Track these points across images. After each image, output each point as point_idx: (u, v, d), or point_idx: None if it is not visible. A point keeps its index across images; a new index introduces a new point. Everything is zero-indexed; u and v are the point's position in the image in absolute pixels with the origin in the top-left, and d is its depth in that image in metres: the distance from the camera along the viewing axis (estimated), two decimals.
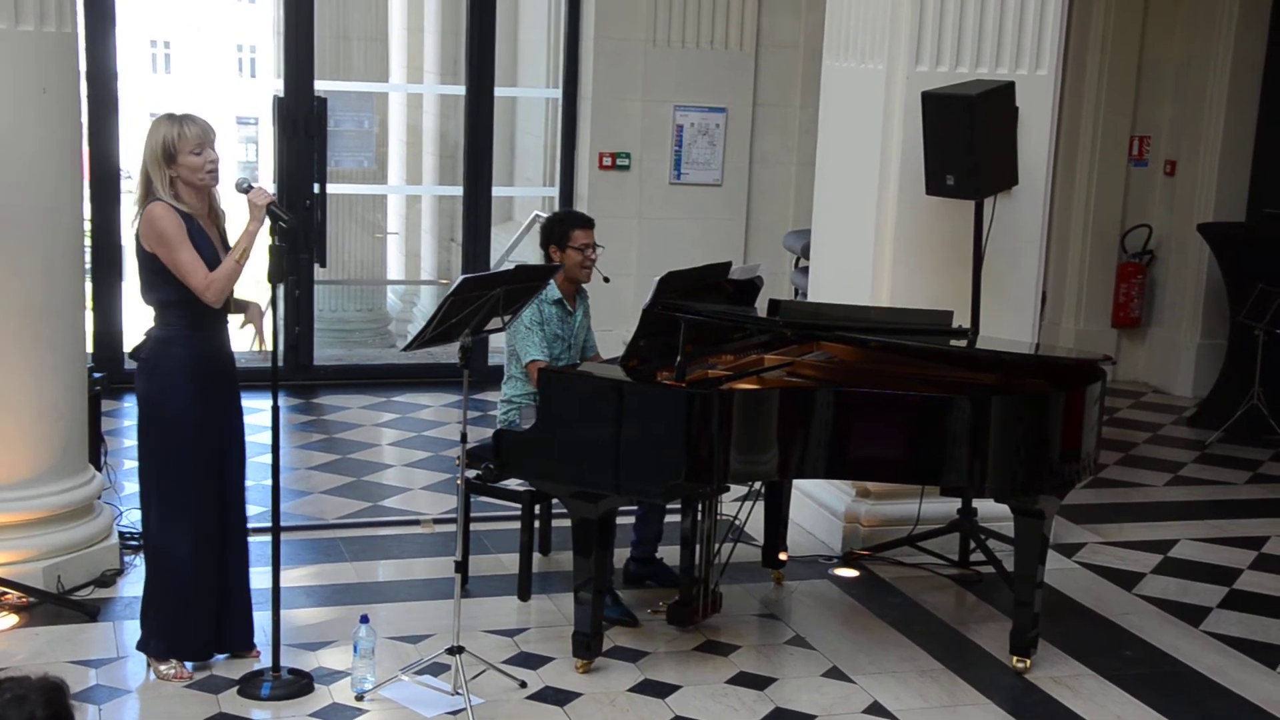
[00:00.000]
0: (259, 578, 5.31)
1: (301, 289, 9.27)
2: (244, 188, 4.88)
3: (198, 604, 5.09)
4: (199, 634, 5.13)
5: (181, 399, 4.97)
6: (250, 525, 5.34)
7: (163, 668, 5.09)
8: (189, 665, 5.14)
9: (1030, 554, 5.43)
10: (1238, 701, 5.37)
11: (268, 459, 5.16)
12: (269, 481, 5.11)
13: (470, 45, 9.67)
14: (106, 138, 8.74)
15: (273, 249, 4.83)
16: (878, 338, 5.72)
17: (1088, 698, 5.31)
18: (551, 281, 5.93)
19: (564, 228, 6.02)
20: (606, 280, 6.16)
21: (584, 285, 6.14)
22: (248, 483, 5.31)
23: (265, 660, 5.12)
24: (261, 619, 5.25)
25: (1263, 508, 7.81)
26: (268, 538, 5.16)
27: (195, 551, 5.05)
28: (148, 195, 4.90)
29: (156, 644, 5.11)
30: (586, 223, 6.05)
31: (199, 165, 4.86)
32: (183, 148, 4.85)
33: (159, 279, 4.91)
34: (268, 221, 4.83)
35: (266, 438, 5.23)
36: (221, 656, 5.24)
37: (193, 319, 4.95)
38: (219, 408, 5.07)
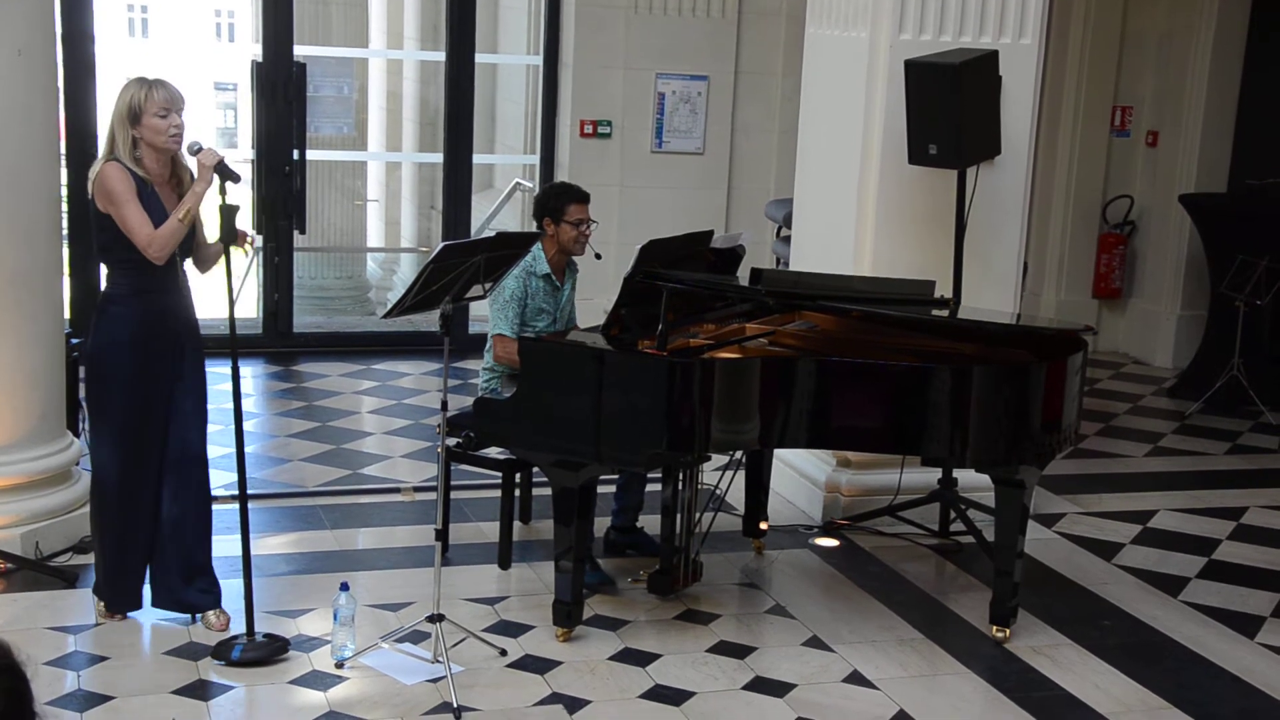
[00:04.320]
0: (231, 544, 5.30)
1: (281, 256, 9.24)
2: (195, 149, 4.94)
3: (124, 561, 5.21)
4: (123, 588, 5.24)
5: (120, 357, 5.02)
6: (226, 489, 5.33)
7: (101, 605, 5.26)
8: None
9: (1010, 524, 5.44)
10: (1216, 671, 5.39)
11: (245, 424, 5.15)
12: (243, 446, 5.11)
13: (451, 11, 9.60)
14: (83, 102, 8.64)
15: (223, 208, 4.90)
16: (859, 307, 5.71)
17: (1067, 667, 5.32)
18: (542, 256, 5.91)
19: (559, 201, 5.97)
20: (598, 257, 6.14)
21: (574, 258, 6.11)
22: (228, 450, 5.29)
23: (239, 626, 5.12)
24: (236, 584, 5.23)
25: (1242, 478, 7.84)
26: (236, 505, 5.16)
27: (129, 511, 5.14)
28: (108, 155, 4.98)
29: (99, 585, 5.30)
30: (582, 197, 6.00)
31: (162, 128, 4.94)
32: (148, 109, 4.92)
33: (108, 238, 4.99)
34: (216, 182, 4.89)
35: (244, 404, 5.21)
36: (186, 617, 5.27)
37: (140, 279, 5.00)
38: (165, 368, 5.07)
